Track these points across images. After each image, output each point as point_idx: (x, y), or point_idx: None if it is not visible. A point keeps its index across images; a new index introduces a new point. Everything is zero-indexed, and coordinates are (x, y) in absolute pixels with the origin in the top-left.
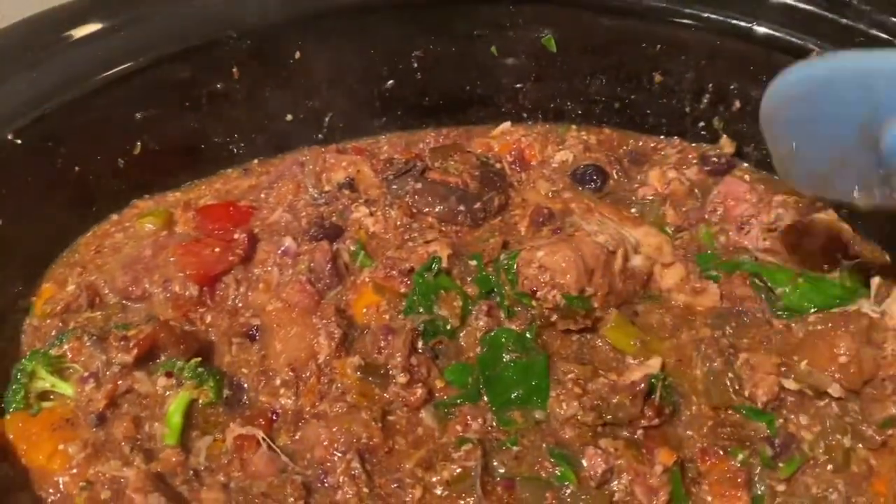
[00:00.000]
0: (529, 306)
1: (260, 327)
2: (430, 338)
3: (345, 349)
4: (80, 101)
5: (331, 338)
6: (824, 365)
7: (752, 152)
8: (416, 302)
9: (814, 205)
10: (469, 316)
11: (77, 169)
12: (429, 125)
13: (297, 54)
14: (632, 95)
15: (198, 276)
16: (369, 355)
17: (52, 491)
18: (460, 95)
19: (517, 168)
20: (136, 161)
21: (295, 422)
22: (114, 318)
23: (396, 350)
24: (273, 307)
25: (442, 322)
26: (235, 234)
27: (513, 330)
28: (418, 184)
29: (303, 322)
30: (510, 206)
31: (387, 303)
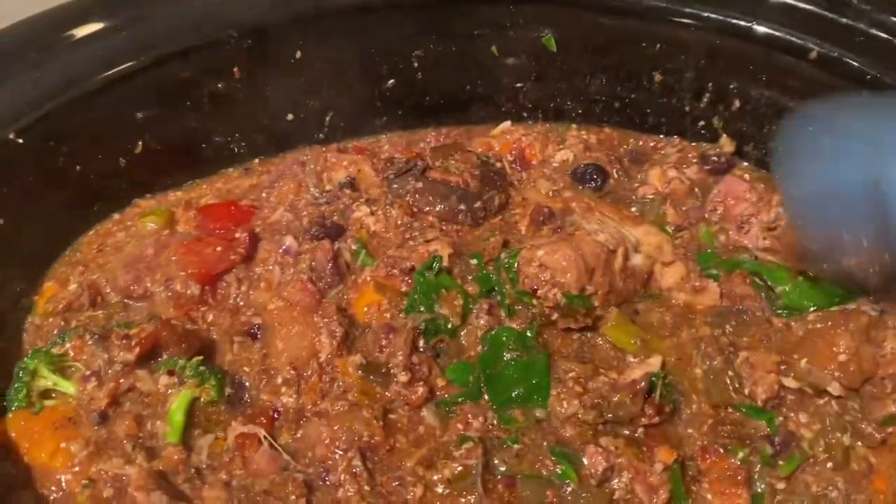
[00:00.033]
0: (530, 305)
1: (261, 326)
2: (432, 336)
3: (346, 348)
4: (82, 100)
5: (332, 336)
6: (824, 363)
7: (752, 151)
8: (418, 301)
9: None
10: (470, 315)
11: (79, 168)
12: (429, 124)
13: (298, 54)
14: (632, 95)
15: (199, 275)
16: (371, 354)
17: (54, 489)
18: (461, 95)
19: (518, 167)
20: (138, 160)
21: (296, 420)
22: (116, 316)
23: (398, 349)
24: (274, 306)
25: (443, 321)
26: (237, 234)
27: (513, 328)
28: (419, 183)
29: (304, 321)
30: (511, 205)
31: (388, 301)
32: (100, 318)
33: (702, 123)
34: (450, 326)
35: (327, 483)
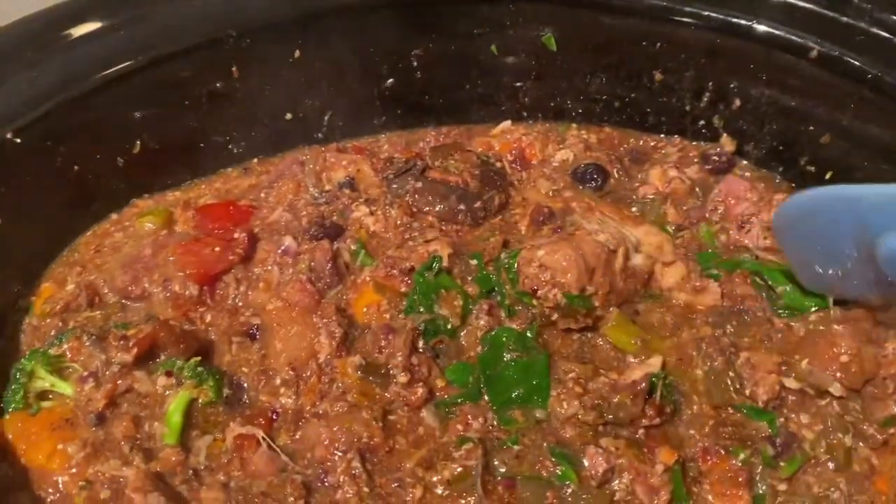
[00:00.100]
0: (530, 305)
1: (260, 326)
2: (431, 337)
3: (345, 348)
4: (80, 100)
5: (331, 337)
6: (825, 364)
7: (752, 150)
8: (417, 301)
9: None
10: (470, 315)
11: (76, 168)
12: (429, 124)
13: (297, 53)
14: (632, 94)
15: (198, 276)
16: (370, 354)
17: (51, 490)
18: (460, 94)
19: (518, 167)
20: (136, 160)
21: (295, 421)
22: (113, 317)
23: (397, 349)
24: (273, 306)
25: (443, 321)
26: (235, 234)
27: (513, 329)
28: (419, 183)
29: (303, 321)
30: (511, 204)
31: (387, 302)
32: (97, 318)
33: (702, 123)
34: (449, 327)
35: (326, 484)
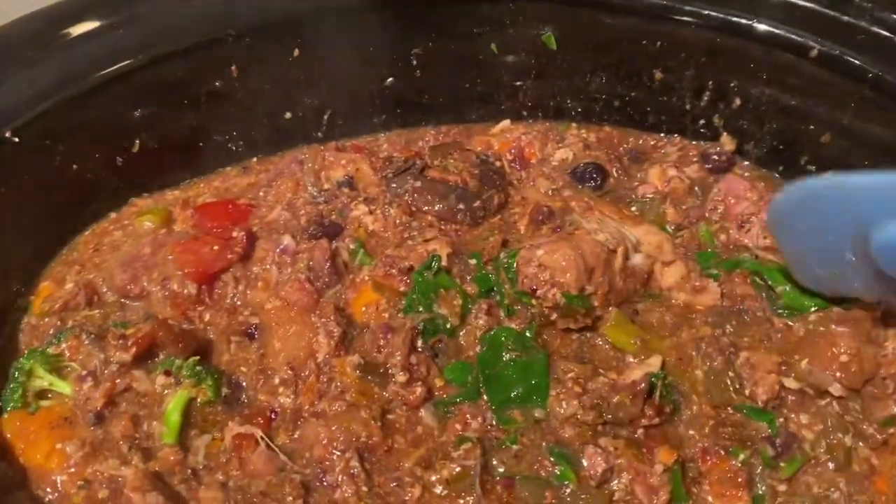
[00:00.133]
0: (529, 305)
1: (259, 326)
2: (430, 336)
3: (344, 348)
4: (79, 99)
5: (330, 336)
6: (825, 363)
7: (752, 150)
8: (416, 300)
9: None
10: (469, 314)
11: (75, 167)
12: (428, 123)
13: (296, 52)
14: (632, 93)
15: (196, 275)
16: (369, 354)
17: (49, 490)
18: (460, 93)
19: (517, 166)
20: (135, 159)
21: (294, 420)
22: (112, 316)
23: (396, 349)
24: (272, 305)
25: (441, 321)
26: (234, 232)
27: (512, 329)
28: (418, 182)
29: (302, 320)
30: (510, 204)
31: (386, 301)
32: (96, 317)
33: (702, 122)
34: (448, 326)
35: (325, 484)
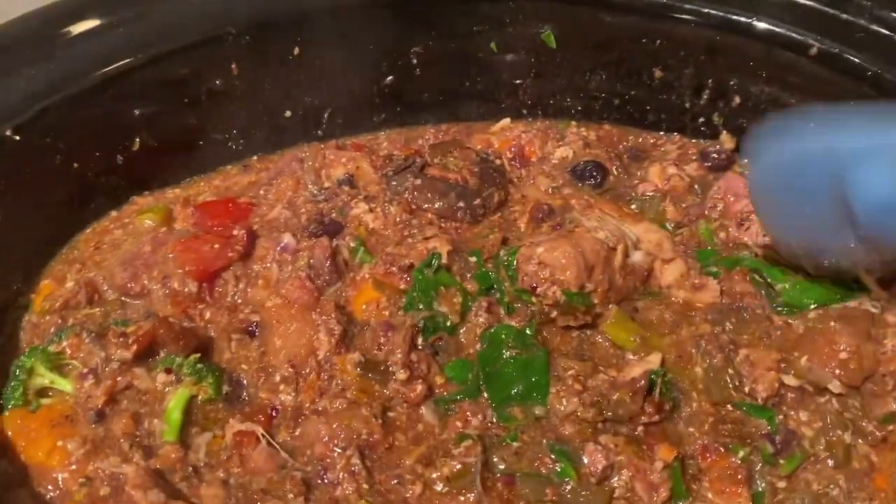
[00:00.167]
0: (529, 303)
1: (259, 324)
2: (430, 334)
3: (345, 345)
4: (79, 97)
5: (330, 334)
6: (824, 361)
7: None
8: (416, 298)
9: None
10: (469, 312)
11: (76, 165)
12: (428, 121)
13: (297, 50)
14: (632, 91)
15: (197, 273)
16: (369, 352)
17: (51, 487)
18: (460, 91)
19: (517, 164)
20: (135, 157)
21: (294, 418)
22: (113, 314)
23: (396, 346)
24: (272, 303)
25: (442, 318)
26: (234, 231)
27: (513, 326)
28: (418, 180)
29: (302, 318)
30: (510, 202)
31: (386, 299)
32: (97, 315)
33: (702, 120)
34: (449, 324)
35: (325, 481)
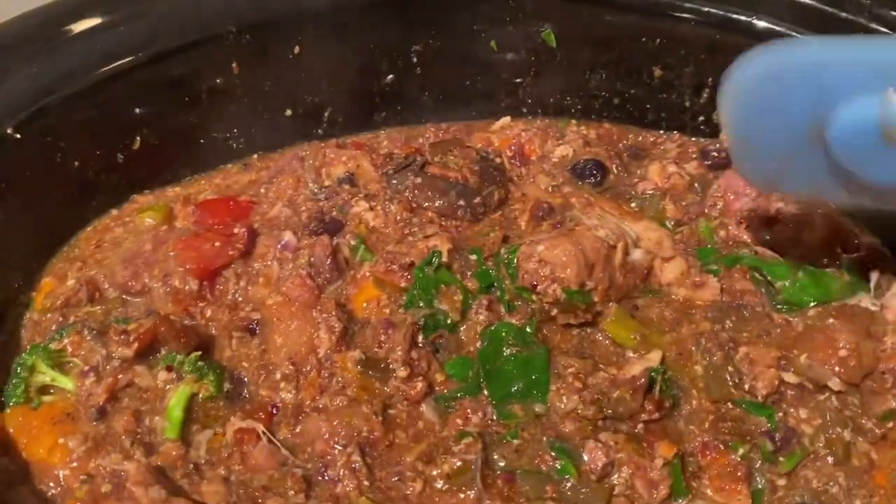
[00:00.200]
0: (530, 300)
1: (260, 321)
2: (431, 332)
3: (345, 343)
4: (80, 95)
5: (331, 332)
6: (824, 358)
7: None
8: (417, 296)
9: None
10: (469, 310)
11: (76, 164)
12: (428, 120)
13: (297, 49)
14: (632, 90)
15: (198, 271)
16: (370, 349)
17: (52, 484)
18: (460, 90)
19: (517, 163)
20: (136, 156)
21: (295, 415)
22: (114, 312)
23: (397, 344)
24: (273, 301)
25: (442, 316)
26: (235, 229)
27: (513, 324)
28: (418, 178)
29: (303, 316)
30: (510, 200)
31: (387, 297)
32: (98, 313)
33: (702, 119)
34: (449, 322)
35: (326, 478)
